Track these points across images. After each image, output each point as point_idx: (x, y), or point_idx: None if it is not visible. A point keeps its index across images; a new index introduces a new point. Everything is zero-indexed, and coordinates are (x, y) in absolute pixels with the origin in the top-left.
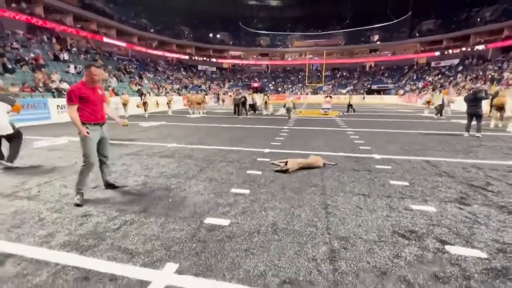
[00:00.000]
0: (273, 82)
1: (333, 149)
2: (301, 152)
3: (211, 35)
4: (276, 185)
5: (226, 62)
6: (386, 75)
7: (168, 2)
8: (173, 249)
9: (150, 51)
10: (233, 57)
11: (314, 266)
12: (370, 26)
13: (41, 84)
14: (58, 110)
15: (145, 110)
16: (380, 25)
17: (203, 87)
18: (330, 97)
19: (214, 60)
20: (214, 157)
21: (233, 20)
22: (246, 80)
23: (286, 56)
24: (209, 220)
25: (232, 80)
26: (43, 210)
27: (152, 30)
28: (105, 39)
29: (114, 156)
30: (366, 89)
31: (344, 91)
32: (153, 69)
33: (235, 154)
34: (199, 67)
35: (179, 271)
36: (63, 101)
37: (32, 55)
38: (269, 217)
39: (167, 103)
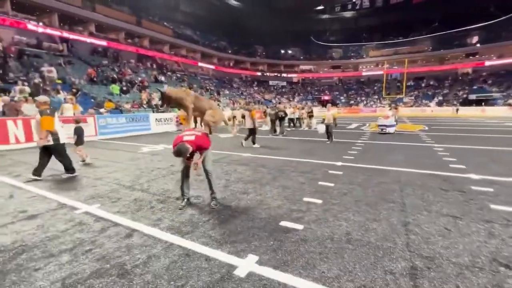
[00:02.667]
0: (345, 95)
1: (415, 165)
2: (377, 167)
3: (282, 51)
4: (349, 198)
5: (296, 76)
6: (489, 82)
7: (244, 24)
8: (254, 244)
9: (227, 70)
10: (303, 71)
11: (392, 279)
12: (467, 27)
13: (145, 102)
14: (156, 123)
15: (234, 124)
16: (481, 24)
17: (273, 101)
18: (395, 107)
19: (284, 75)
20: (285, 167)
21: (304, 35)
22: (316, 93)
23: (360, 67)
24: (284, 223)
25: (301, 94)
26: (153, 200)
27: (229, 51)
28: (191, 62)
29: None
30: (461, 100)
31: (431, 103)
32: (229, 86)
33: (306, 165)
34: (270, 82)
35: (260, 262)
36: (160, 115)
37: (139, 78)
38: (342, 227)
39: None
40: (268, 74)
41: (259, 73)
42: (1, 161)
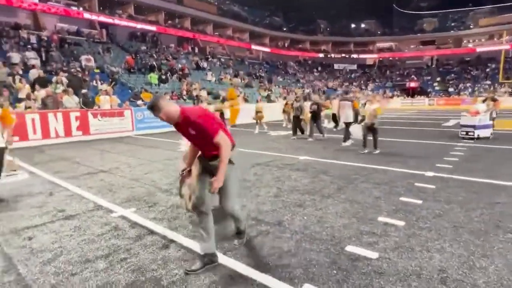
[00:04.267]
0: (439, 80)
1: None
2: (487, 181)
3: (353, 25)
4: (445, 222)
5: (371, 58)
6: None
7: None
8: (311, 271)
9: (281, 52)
10: (381, 50)
11: None
12: None
13: (184, 92)
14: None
15: (288, 118)
16: None
17: (339, 89)
18: (493, 99)
19: (354, 56)
20: (354, 175)
21: (384, 3)
22: (398, 78)
23: (465, 41)
24: (351, 248)
25: (377, 80)
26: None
27: (284, 29)
28: (238, 44)
29: (246, 165)
30: None
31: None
32: (283, 71)
33: (382, 174)
34: (336, 66)
35: None
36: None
37: (179, 65)
38: (434, 261)
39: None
40: (333, 55)
41: (321, 55)
42: (42, 156)
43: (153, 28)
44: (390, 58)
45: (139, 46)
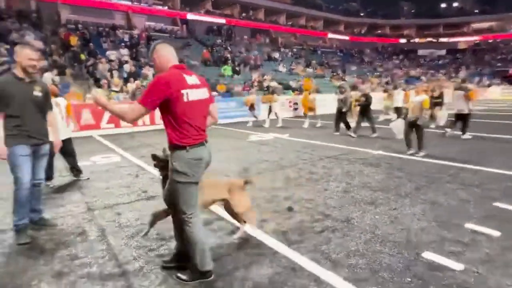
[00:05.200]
0: None
1: None
2: None
3: (442, 5)
4: None
5: (465, 41)
6: None
7: None
8: (381, 275)
9: (357, 39)
10: (477, 32)
11: None
12: None
13: (256, 84)
14: (265, 108)
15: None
16: None
17: (423, 78)
18: None
19: (443, 39)
20: (437, 174)
21: None
22: (499, 64)
23: None
24: (429, 255)
25: (471, 66)
26: (258, 198)
27: (362, 14)
28: (311, 33)
29: (314, 157)
30: None
31: None
32: (358, 60)
33: (472, 174)
34: (419, 52)
35: None
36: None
37: (252, 56)
38: None
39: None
40: (416, 40)
41: (402, 40)
42: (132, 142)
43: (226, 21)
44: (490, 40)
45: (215, 39)
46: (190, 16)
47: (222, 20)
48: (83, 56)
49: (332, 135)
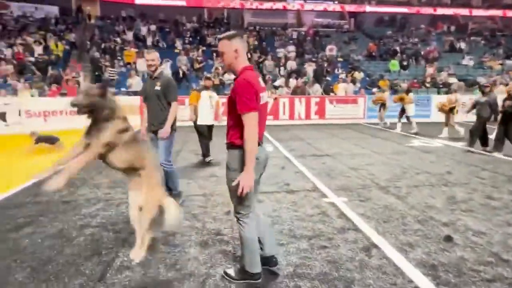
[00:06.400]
0: None
1: None
2: None
3: None
4: None
5: None
6: None
7: None
8: None
9: None
10: None
11: None
12: None
13: (428, 79)
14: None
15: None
16: None
17: None
18: None
19: None
20: None
21: None
22: None
23: None
24: None
25: None
26: (407, 215)
27: None
28: None
29: (498, 177)
30: None
31: None
32: None
33: None
34: None
35: None
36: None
37: (427, 48)
38: None
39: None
40: None
41: None
42: (285, 134)
43: (404, 10)
44: None
45: (384, 31)
46: (368, 8)
47: (399, 9)
48: (254, 55)
49: None
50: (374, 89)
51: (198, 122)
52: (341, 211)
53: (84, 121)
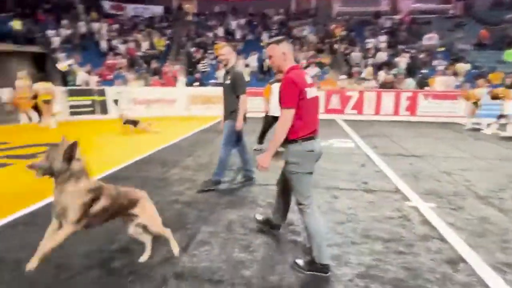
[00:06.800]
0: None
1: None
2: None
3: None
4: None
5: None
6: None
7: None
8: None
9: None
10: None
11: None
12: None
13: None
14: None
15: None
16: None
17: None
18: None
19: None
20: None
21: None
22: None
23: None
24: None
25: None
26: (510, 231)
27: None
28: None
29: None
30: None
31: None
32: None
33: None
34: None
35: None
36: None
37: None
38: None
39: None
40: None
41: None
42: (369, 130)
43: None
44: None
45: (502, 15)
46: None
47: None
48: (341, 47)
49: None
50: (468, 84)
51: (269, 113)
52: (425, 217)
53: (176, 110)
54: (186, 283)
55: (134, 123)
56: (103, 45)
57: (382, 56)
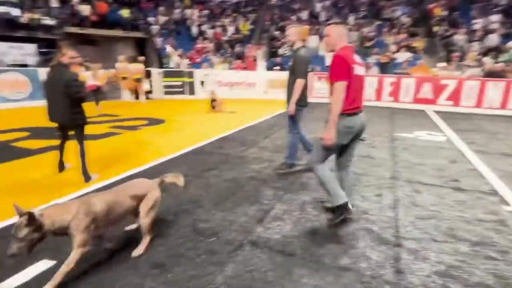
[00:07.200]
0: None
1: None
2: None
3: None
4: None
5: None
6: None
7: None
8: None
9: None
10: None
11: None
12: None
13: None
14: None
15: None
16: None
17: None
18: None
19: None
20: None
21: None
22: None
23: None
24: None
25: None
26: None
27: None
28: None
29: None
30: None
31: None
32: None
33: None
34: None
35: None
36: None
37: None
38: None
39: None
40: None
41: None
42: (466, 124)
43: None
44: None
45: None
46: None
47: None
48: (437, 28)
49: None
50: None
51: None
52: None
53: (256, 93)
54: (260, 250)
55: (215, 101)
56: (194, 30)
57: (494, 39)
